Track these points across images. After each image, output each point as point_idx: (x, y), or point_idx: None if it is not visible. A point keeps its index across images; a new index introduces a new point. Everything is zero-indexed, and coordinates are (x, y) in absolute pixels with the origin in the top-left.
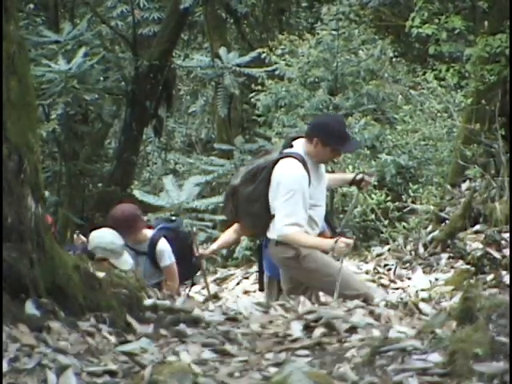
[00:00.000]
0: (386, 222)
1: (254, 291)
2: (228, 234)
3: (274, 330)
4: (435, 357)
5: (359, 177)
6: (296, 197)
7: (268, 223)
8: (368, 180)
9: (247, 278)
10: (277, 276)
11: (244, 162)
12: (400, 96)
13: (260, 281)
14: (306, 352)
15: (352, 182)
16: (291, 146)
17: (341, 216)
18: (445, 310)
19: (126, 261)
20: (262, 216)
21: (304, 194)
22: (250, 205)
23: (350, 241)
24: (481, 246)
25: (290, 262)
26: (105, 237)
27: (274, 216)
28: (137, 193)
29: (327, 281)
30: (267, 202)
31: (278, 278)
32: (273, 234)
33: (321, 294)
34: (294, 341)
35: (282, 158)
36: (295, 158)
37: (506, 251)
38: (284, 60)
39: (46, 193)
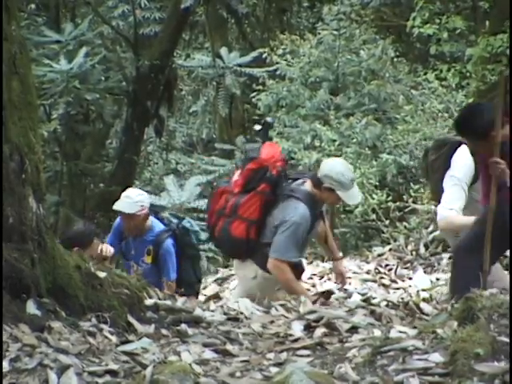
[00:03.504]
0: (387, 222)
1: None
2: None
3: (275, 329)
4: (436, 357)
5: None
6: (460, 186)
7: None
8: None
9: None
10: None
11: None
12: (401, 96)
13: None
14: (307, 352)
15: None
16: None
17: (342, 216)
18: (446, 310)
19: (355, 196)
20: (437, 186)
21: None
22: (432, 171)
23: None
24: None
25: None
26: (335, 166)
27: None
28: None
29: None
30: (443, 178)
31: None
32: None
33: None
34: (295, 341)
35: (462, 144)
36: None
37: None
38: (285, 60)
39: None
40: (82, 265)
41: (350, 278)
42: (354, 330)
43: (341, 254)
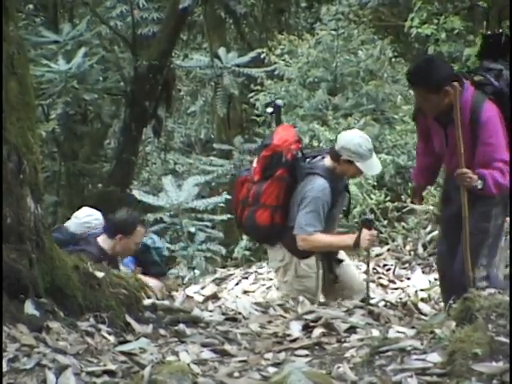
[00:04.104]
0: (385, 222)
1: (254, 291)
2: None
3: (274, 329)
4: (434, 357)
5: None
6: None
7: None
8: None
9: (246, 278)
10: None
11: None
12: (399, 96)
13: None
14: (305, 352)
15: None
16: None
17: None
18: (444, 310)
19: (374, 166)
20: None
21: None
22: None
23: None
24: None
25: None
26: (353, 138)
27: None
28: (136, 193)
29: None
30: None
31: None
32: None
33: None
34: (294, 341)
35: None
36: None
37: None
38: (283, 60)
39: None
40: (80, 265)
41: None
42: (352, 330)
43: None
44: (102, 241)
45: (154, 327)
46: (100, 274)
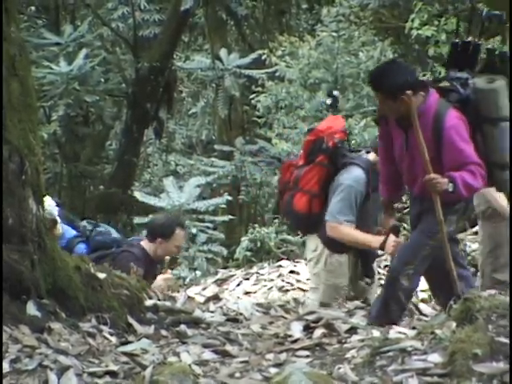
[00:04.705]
0: None
1: (255, 292)
2: None
3: (275, 330)
4: (435, 357)
5: None
6: None
7: None
8: None
9: (248, 278)
10: None
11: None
12: None
13: None
14: (306, 353)
15: None
16: None
17: None
18: (444, 311)
19: None
20: None
21: None
22: None
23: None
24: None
25: None
26: None
27: None
28: (137, 194)
29: None
30: None
31: None
32: None
33: None
34: (295, 341)
35: None
36: None
37: None
38: (284, 61)
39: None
40: (81, 266)
41: None
42: (352, 330)
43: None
44: (145, 244)
45: (155, 328)
46: (102, 275)
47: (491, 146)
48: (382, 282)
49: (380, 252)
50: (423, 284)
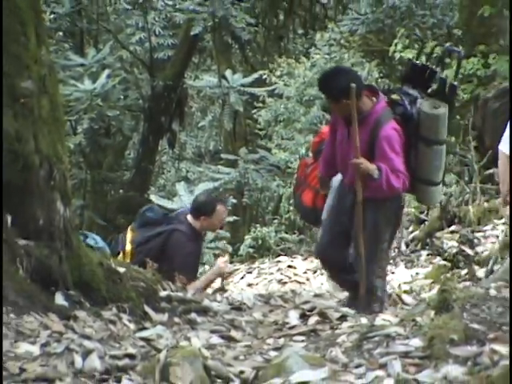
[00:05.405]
0: None
1: (257, 284)
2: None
3: (274, 318)
4: (416, 342)
5: None
6: None
7: None
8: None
9: (250, 272)
10: None
11: None
12: None
13: None
14: (302, 338)
15: None
16: None
17: None
18: (424, 301)
19: None
20: (498, 130)
21: None
22: (493, 117)
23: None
24: (456, 244)
25: None
26: None
27: None
28: (153, 197)
29: None
30: (506, 121)
31: None
32: None
33: None
34: (292, 328)
35: None
36: None
37: (478, 248)
38: (282, 80)
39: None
40: (104, 262)
41: None
42: (343, 318)
43: None
44: (191, 220)
45: (169, 316)
46: (121, 270)
47: (423, 163)
48: None
49: None
50: (406, 277)
